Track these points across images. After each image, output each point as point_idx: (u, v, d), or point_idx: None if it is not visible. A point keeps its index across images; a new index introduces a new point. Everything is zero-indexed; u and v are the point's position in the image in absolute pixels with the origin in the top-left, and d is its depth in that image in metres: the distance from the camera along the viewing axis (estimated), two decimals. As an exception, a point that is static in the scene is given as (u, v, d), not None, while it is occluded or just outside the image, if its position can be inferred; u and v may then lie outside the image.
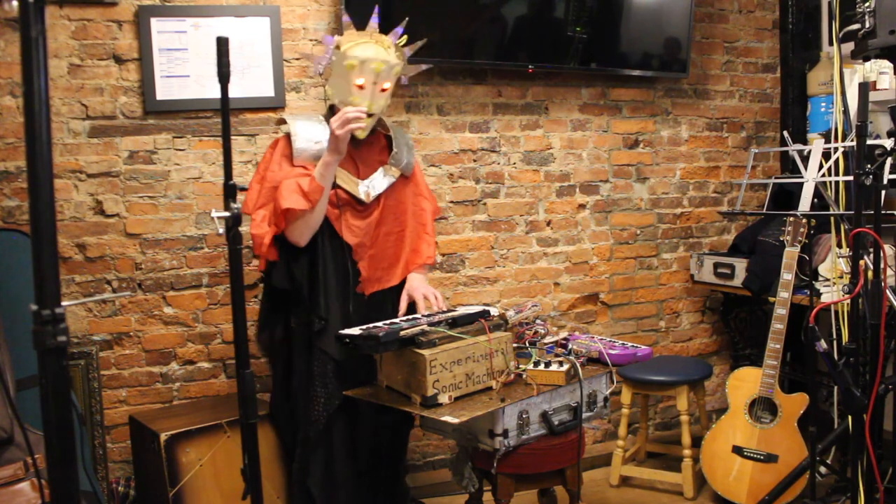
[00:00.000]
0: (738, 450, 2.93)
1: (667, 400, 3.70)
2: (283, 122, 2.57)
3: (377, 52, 2.37)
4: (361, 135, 2.43)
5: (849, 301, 2.40)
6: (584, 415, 2.34)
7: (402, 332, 2.14)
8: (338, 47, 2.37)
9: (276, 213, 2.32)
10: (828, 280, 3.02)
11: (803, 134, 3.67)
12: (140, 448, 2.67)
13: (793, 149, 2.98)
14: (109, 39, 2.80)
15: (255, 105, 2.97)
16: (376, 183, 2.50)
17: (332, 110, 2.47)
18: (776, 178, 3.59)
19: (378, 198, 2.51)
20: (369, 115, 2.37)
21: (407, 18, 2.47)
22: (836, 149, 2.87)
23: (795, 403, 2.86)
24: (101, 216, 2.84)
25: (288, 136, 2.44)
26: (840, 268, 2.94)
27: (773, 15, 3.87)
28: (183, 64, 2.85)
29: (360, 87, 2.35)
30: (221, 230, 1.51)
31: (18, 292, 2.39)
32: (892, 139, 2.10)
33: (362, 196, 2.47)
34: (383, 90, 2.40)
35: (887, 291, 2.12)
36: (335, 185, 2.44)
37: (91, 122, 2.80)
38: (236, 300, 1.53)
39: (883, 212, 2.11)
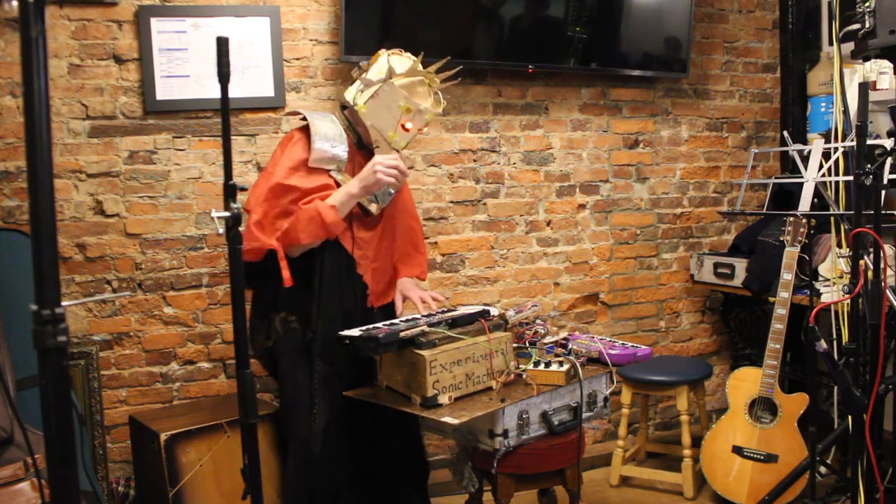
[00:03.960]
0: (738, 450, 2.93)
1: (667, 400, 3.70)
2: (296, 113, 2.48)
3: (434, 102, 2.36)
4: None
5: (849, 301, 2.39)
6: (584, 415, 2.34)
7: (402, 333, 2.13)
8: (392, 79, 2.30)
9: (286, 233, 2.24)
10: (828, 280, 3.02)
11: (803, 134, 3.67)
12: (140, 448, 2.67)
13: (793, 149, 2.98)
14: (109, 39, 2.80)
15: (255, 105, 2.97)
16: (381, 195, 2.48)
17: (342, 109, 2.45)
18: (776, 178, 3.59)
19: (381, 210, 2.50)
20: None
21: (448, 58, 2.43)
22: (836, 149, 2.87)
23: (795, 403, 2.86)
24: (101, 216, 2.84)
25: (305, 130, 2.35)
26: (840, 268, 2.94)
27: (773, 15, 3.87)
28: (183, 64, 2.85)
29: (406, 130, 2.33)
30: (221, 230, 1.51)
31: (18, 292, 2.38)
32: (892, 139, 2.10)
33: (372, 208, 2.43)
34: (422, 131, 2.41)
35: (887, 291, 2.12)
36: None
37: (91, 122, 2.80)
38: (236, 300, 1.53)
39: (883, 212, 2.11)
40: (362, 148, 2.42)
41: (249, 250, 2.21)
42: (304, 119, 2.39)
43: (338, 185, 2.35)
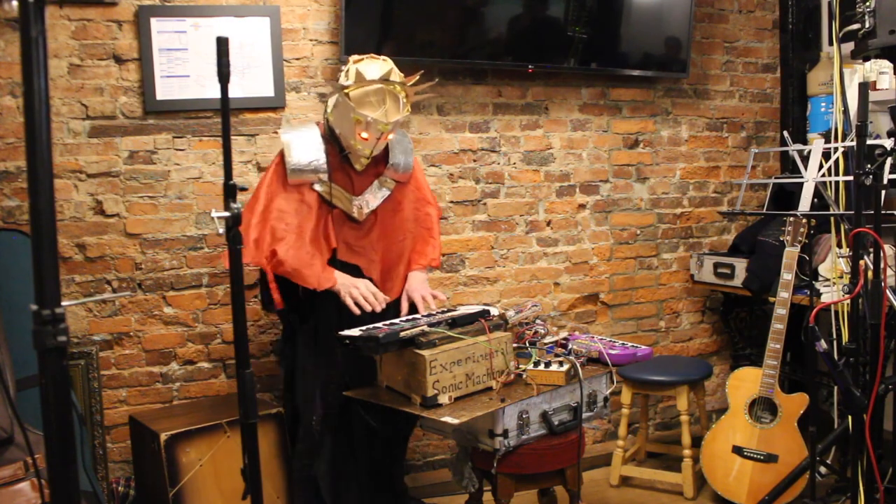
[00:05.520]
0: (738, 450, 2.92)
1: (667, 400, 3.70)
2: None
3: (388, 110, 2.31)
4: (360, 168, 2.47)
5: (849, 301, 2.39)
6: (584, 415, 2.34)
7: (402, 333, 2.14)
8: (345, 90, 2.31)
9: (279, 263, 2.37)
10: (828, 280, 3.02)
11: (803, 134, 3.67)
12: (140, 448, 2.67)
13: (793, 149, 2.98)
14: (109, 39, 2.80)
15: (255, 105, 2.97)
16: (370, 197, 2.50)
17: (328, 120, 2.47)
18: (776, 178, 3.59)
19: (374, 212, 2.51)
20: (368, 158, 2.43)
21: (422, 72, 2.44)
22: (836, 149, 2.87)
23: (795, 403, 2.86)
24: (101, 216, 2.84)
25: (282, 153, 2.45)
26: (840, 268, 2.94)
27: (773, 15, 3.86)
28: (183, 64, 2.85)
29: (364, 140, 2.35)
30: (221, 230, 1.51)
31: (18, 292, 2.38)
32: (892, 139, 2.10)
33: (355, 214, 2.47)
34: (385, 138, 2.40)
35: (887, 291, 2.12)
36: (333, 206, 2.45)
37: (91, 122, 2.80)
38: (236, 300, 1.53)
39: (883, 212, 2.11)
40: (344, 152, 2.46)
41: (249, 264, 2.40)
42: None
43: (320, 196, 2.44)
